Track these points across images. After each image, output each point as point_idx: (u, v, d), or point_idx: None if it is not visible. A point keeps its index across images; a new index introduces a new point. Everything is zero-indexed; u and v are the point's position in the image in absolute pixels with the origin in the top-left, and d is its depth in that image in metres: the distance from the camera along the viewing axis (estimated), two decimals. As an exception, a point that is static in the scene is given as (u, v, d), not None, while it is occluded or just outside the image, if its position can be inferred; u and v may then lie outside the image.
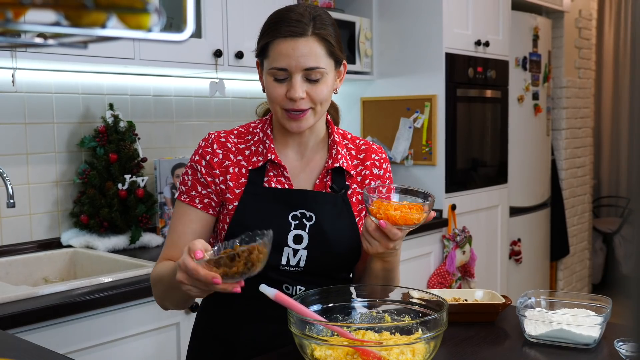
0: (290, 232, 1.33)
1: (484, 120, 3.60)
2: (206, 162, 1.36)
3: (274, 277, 1.34)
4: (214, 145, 1.38)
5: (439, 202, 3.29)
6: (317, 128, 1.41)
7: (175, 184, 2.66)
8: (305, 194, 1.36)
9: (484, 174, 3.65)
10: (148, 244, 2.47)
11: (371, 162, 1.45)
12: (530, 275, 4.22)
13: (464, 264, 3.30)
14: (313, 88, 1.31)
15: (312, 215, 1.35)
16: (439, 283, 3.18)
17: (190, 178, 1.38)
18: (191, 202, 1.36)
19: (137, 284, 1.91)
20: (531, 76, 4.12)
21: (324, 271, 1.38)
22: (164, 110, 2.77)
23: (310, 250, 1.34)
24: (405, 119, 3.35)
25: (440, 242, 3.27)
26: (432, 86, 3.27)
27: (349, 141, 1.47)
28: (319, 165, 1.42)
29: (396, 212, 1.20)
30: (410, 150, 3.33)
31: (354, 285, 1.27)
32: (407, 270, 2.98)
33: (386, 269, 1.36)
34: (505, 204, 3.81)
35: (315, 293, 1.21)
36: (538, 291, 1.46)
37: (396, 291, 1.26)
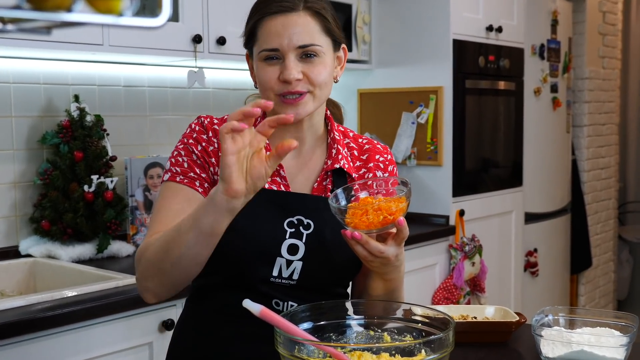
0: (284, 241, 1.33)
1: (497, 115, 3.61)
2: (202, 147, 1.36)
3: (263, 290, 1.34)
4: (208, 131, 1.37)
5: (445, 207, 3.30)
6: (315, 122, 1.41)
7: (149, 185, 2.66)
8: (304, 199, 1.36)
9: (496, 175, 3.66)
10: (117, 253, 2.46)
11: (375, 163, 1.46)
12: (547, 290, 4.23)
13: (473, 277, 3.31)
14: (310, 68, 1.31)
15: (310, 222, 1.35)
16: (445, 298, 3.19)
17: (186, 159, 1.35)
18: (190, 183, 1.33)
19: (105, 299, 1.91)
20: (549, 66, 4.14)
21: (319, 285, 1.38)
22: (136, 102, 2.77)
23: (307, 262, 1.34)
24: (407, 114, 3.35)
25: (447, 253, 3.28)
26: (438, 77, 3.28)
27: (350, 140, 1.48)
28: (317, 165, 1.42)
29: (375, 215, 1.20)
30: (413, 149, 3.34)
31: (350, 301, 1.27)
32: (410, 284, 2.98)
33: (389, 290, 1.35)
34: (520, 209, 3.82)
35: (305, 309, 1.21)
36: (556, 308, 1.47)
37: (397, 307, 1.26)
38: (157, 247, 1.24)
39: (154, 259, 1.24)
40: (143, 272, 1.27)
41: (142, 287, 1.29)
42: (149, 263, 1.26)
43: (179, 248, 1.20)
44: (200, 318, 1.39)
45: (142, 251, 1.29)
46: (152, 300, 1.30)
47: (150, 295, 1.29)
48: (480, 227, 3.47)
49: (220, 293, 1.36)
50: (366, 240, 1.21)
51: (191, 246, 1.20)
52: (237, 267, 1.32)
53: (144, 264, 1.27)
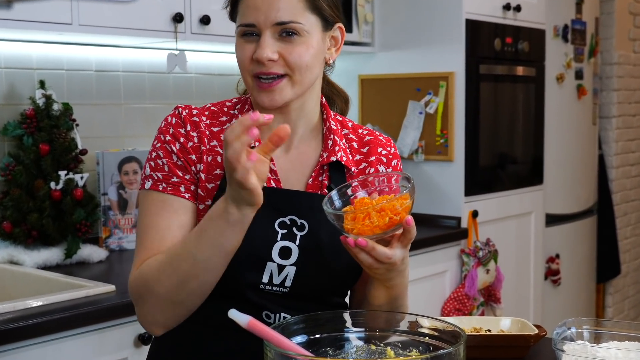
0: (275, 244, 1.34)
1: (514, 104, 3.61)
2: (180, 144, 1.36)
3: (252, 299, 1.34)
4: (187, 124, 1.37)
5: (456, 207, 3.30)
6: (308, 110, 1.41)
7: (124, 182, 2.66)
8: (297, 196, 1.37)
9: (513, 172, 3.65)
10: (88, 258, 2.46)
11: (377, 157, 1.46)
12: (570, 300, 4.24)
13: (487, 286, 3.31)
14: (288, 48, 1.31)
15: (304, 223, 1.35)
16: (456, 310, 3.19)
17: (165, 162, 1.36)
18: (175, 191, 1.34)
19: (74, 309, 1.90)
20: (574, 49, 4.15)
21: (315, 294, 1.38)
22: (109, 89, 2.76)
23: (300, 268, 1.34)
24: (414, 103, 3.35)
25: (458, 258, 3.28)
26: (449, 61, 3.28)
27: (349, 130, 1.48)
28: (311, 159, 1.42)
29: (379, 217, 1.20)
30: (421, 142, 3.34)
31: (348, 311, 1.27)
32: (416, 293, 2.99)
33: (391, 298, 1.35)
34: (541, 210, 3.82)
35: (299, 320, 1.21)
36: (580, 320, 1.47)
37: (402, 319, 1.26)
38: (166, 280, 1.27)
39: (165, 294, 1.27)
40: (151, 308, 1.30)
41: (149, 321, 1.32)
42: (159, 299, 1.28)
43: (197, 277, 1.25)
44: (181, 331, 1.38)
45: (140, 285, 1.31)
46: (161, 332, 1.33)
47: (160, 329, 1.32)
48: (496, 230, 3.47)
49: (203, 303, 1.36)
50: (372, 246, 1.21)
51: (214, 270, 1.26)
52: (222, 275, 1.32)
53: (151, 300, 1.29)
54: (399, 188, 1.29)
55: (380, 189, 1.30)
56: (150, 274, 1.29)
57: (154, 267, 1.29)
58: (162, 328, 1.33)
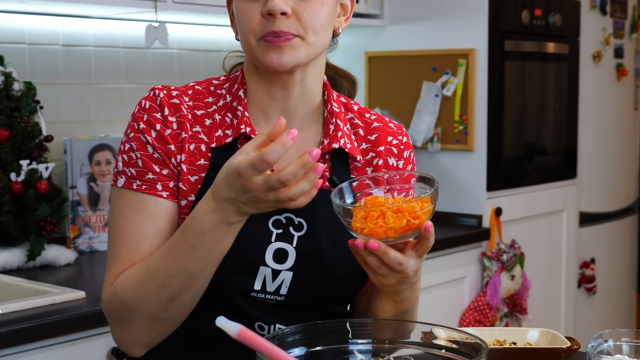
0: (269, 246, 1.33)
1: (544, 86, 3.61)
2: (157, 133, 1.35)
3: (242, 308, 1.34)
4: (164, 108, 1.37)
5: (477, 204, 3.30)
6: (309, 88, 1.41)
7: (95, 174, 2.66)
8: None
9: (542, 164, 3.66)
10: (54, 261, 2.46)
11: (386, 147, 1.45)
12: (607, 310, 4.24)
13: (512, 294, 3.31)
14: (302, 4, 1.31)
15: (302, 222, 1.35)
16: (476, 321, 3.19)
17: (139, 154, 1.35)
18: (151, 189, 1.34)
19: (38, 319, 1.90)
20: (613, 23, 4.14)
21: (314, 303, 1.38)
22: (78, 67, 2.76)
23: (298, 273, 1.34)
24: (429, 84, 3.35)
25: (479, 263, 3.29)
26: (470, 36, 3.28)
27: (355, 115, 1.48)
28: (311, 146, 1.42)
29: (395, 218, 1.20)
30: (437, 130, 3.34)
31: (352, 320, 1.28)
32: (430, 302, 3.00)
33: (399, 313, 1.35)
34: (574, 208, 3.83)
35: (297, 331, 1.21)
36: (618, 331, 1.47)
37: (414, 329, 1.27)
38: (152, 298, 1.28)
39: (152, 313, 1.29)
40: (135, 329, 1.31)
41: (131, 343, 1.33)
42: (143, 319, 1.30)
43: (191, 289, 1.28)
44: (162, 344, 1.38)
45: (117, 306, 1.31)
46: (143, 352, 1.34)
47: (143, 349, 1.34)
48: (522, 230, 3.48)
49: (190, 314, 1.37)
50: (385, 250, 1.20)
51: (209, 277, 1.28)
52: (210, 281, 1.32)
53: (134, 321, 1.30)
54: (417, 190, 1.29)
55: (391, 187, 1.31)
56: (129, 294, 1.29)
57: (132, 286, 1.29)
58: (145, 348, 1.34)
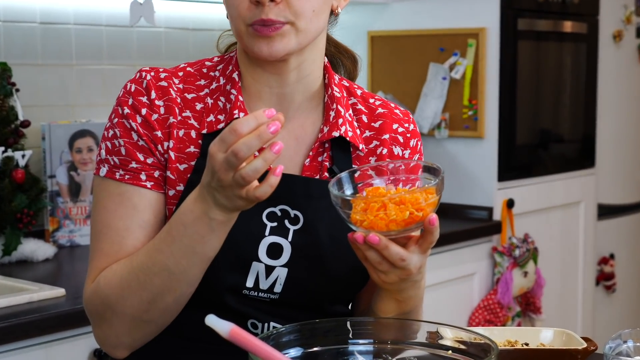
0: (263, 240, 1.34)
1: (561, 68, 3.60)
2: (142, 118, 1.36)
3: (234, 307, 1.34)
4: (150, 92, 1.37)
5: (487, 195, 3.30)
6: (308, 72, 1.41)
7: (76, 162, 2.66)
8: (290, 181, 1.36)
9: (558, 153, 3.65)
10: (31, 256, 2.46)
11: (391, 135, 1.45)
12: (627, 308, 4.24)
13: (525, 292, 3.31)
14: None
15: (298, 215, 1.35)
16: (486, 321, 3.19)
17: (123, 142, 1.35)
18: (134, 179, 1.34)
19: (14, 318, 1.90)
20: (635, 1, 4.13)
21: (311, 301, 1.38)
22: (57, 47, 2.76)
23: (293, 269, 1.34)
24: (436, 66, 3.35)
25: (490, 258, 3.29)
26: (480, 14, 3.27)
27: (358, 100, 1.48)
28: (310, 135, 1.42)
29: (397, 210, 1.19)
30: (444, 115, 3.34)
31: (352, 319, 1.27)
32: (437, 301, 3.00)
33: (402, 313, 1.35)
34: (592, 200, 3.82)
35: (293, 330, 1.21)
36: (639, 331, 1.47)
37: (419, 329, 1.27)
38: (134, 298, 1.28)
39: (133, 313, 1.29)
40: (116, 329, 1.32)
41: (112, 344, 1.34)
42: (124, 319, 1.30)
43: (174, 292, 1.28)
44: (149, 345, 1.38)
45: (99, 303, 1.32)
46: (126, 354, 1.35)
47: (125, 351, 1.34)
48: (536, 223, 3.47)
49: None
50: (385, 244, 1.20)
51: (193, 280, 1.28)
52: None
53: (115, 321, 1.31)
54: (422, 181, 1.29)
55: (396, 178, 1.30)
56: (111, 291, 1.30)
57: (115, 283, 1.30)
58: (127, 350, 1.34)
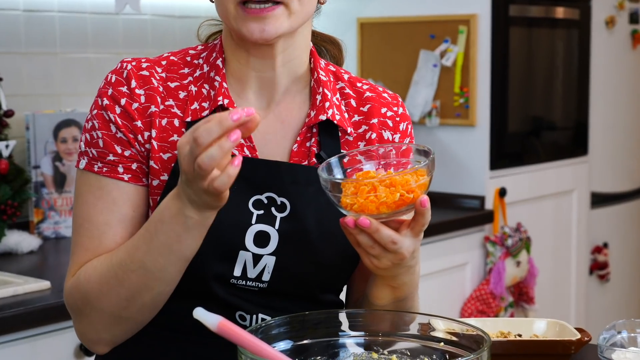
0: (249, 228, 1.34)
1: (553, 55, 3.60)
2: (122, 109, 1.35)
3: (222, 297, 1.34)
4: (130, 81, 1.37)
5: (479, 184, 3.30)
6: (295, 56, 1.41)
7: (61, 152, 2.65)
8: (277, 168, 1.36)
9: (551, 140, 3.65)
10: (16, 248, 2.45)
11: (380, 119, 1.45)
12: (621, 298, 4.25)
13: (518, 282, 3.32)
14: None
15: (285, 202, 1.35)
16: (478, 312, 3.20)
17: (101, 134, 1.36)
18: (112, 172, 1.35)
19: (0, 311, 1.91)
20: (628, -14, 4.14)
21: (301, 290, 1.38)
22: (41, 35, 2.74)
23: (281, 258, 1.34)
24: (427, 53, 3.34)
25: (482, 248, 3.29)
26: (471, 0, 3.26)
27: (345, 84, 1.47)
28: (297, 120, 1.42)
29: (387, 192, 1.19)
30: (435, 103, 3.33)
31: (343, 311, 1.27)
32: (429, 292, 2.99)
33: (397, 300, 1.35)
34: (585, 188, 3.83)
35: (282, 322, 1.21)
36: (633, 322, 1.47)
37: (410, 320, 1.27)
38: (112, 294, 1.29)
39: (111, 310, 1.30)
40: (94, 325, 1.32)
41: (91, 339, 1.35)
42: (103, 315, 1.31)
43: (151, 290, 1.28)
44: (135, 337, 1.38)
45: (78, 298, 1.33)
46: (106, 350, 1.36)
47: (105, 346, 1.35)
48: (529, 212, 3.48)
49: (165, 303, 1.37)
50: (376, 227, 1.19)
51: (171, 280, 1.28)
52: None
53: (94, 316, 1.32)
54: (413, 164, 1.28)
55: (387, 163, 1.30)
56: (90, 286, 1.31)
57: (95, 279, 1.30)
58: (107, 346, 1.35)
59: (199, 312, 1.10)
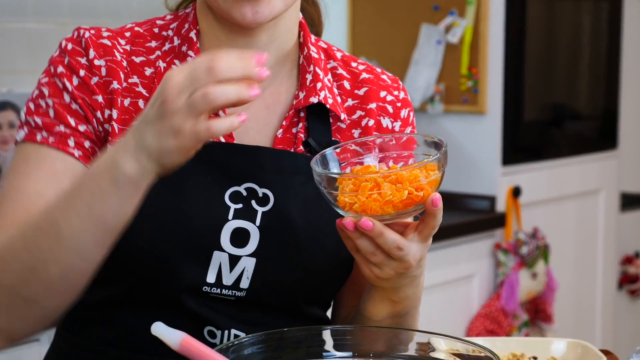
0: (226, 224, 1.34)
1: (578, 31, 3.61)
2: (80, 80, 1.35)
3: (190, 307, 1.34)
4: (89, 51, 1.36)
5: (489, 182, 3.30)
6: (283, 32, 1.42)
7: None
8: (258, 155, 1.37)
9: (574, 132, 3.66)
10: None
11: (379, 104, 1.47)
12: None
13: (534, 296, 3.33)
14: None
15: (268, 194, 1.36)
16: (488, 332, 3.21)
17: (52, 102, 1.35)
18: (60, 144, 1.33)
19: None
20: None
21: (284, 301, 1.39)
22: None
23: (262, 259, 1.34)
24: (430, 27, 3.35)
25: (492, 257, 3.30)
26: (481, -33, 3.28)
27: (338, 63, 1.49)
28: (282, 102, 1.44)
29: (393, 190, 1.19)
30: (439, 86, 3.34)
31: (327, 328, 1.27)
32: (430, 307, 3.00)
33: (396, 315, 1.36)
34: (613, 187, 3.84)
35: (256, 340, 1.21)
36: (668, 343, 1.48)
37: (407, 339, 1.27)
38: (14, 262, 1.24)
39: (11, 283, 1.24)
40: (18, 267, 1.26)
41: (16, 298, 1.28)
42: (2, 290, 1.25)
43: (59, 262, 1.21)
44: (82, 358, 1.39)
45: None
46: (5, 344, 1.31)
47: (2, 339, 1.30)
48: (548, 215, 3.49)
49: (117, 316, 1.37)
50: (380, 230, 1.20)
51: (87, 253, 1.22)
52: (147, 271, 1.32)
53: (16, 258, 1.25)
54: (419, 158, 1.29)
55: (385, 155, 1.30)
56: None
57: (4, 243, 1.26)
58: (5, 338, 1.30)
59: (159, 328, 1.10)
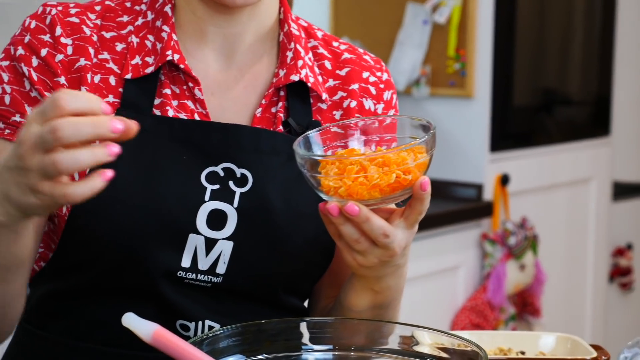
0: (202, 206, 1.34)
1: (570, 13, 3.62)
2: (41, 60, 1.35)
3: (164, 295, 1.34)
4: (55, 28, 1.36)
5: (477, 169, 3.32)
6: (264, 8, 1.43)
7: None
8: (236, 133, 1.37)
9: (565, 118, 3.68)
10: None
11: (361, 85, 1.48)
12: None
13: (522, 289, 3.34)
14: None
15: (246, 174, 1.36)
16: (473, 325, 3.22)
17: (9, 89, 1.35)
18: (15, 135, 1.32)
19: None
20: None
21: (262, 288, 1.39)
22: None
23: (240, 243, 1.35)
24: (416, 6, 3.35)
25: (478, 248, 3.31)
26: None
27: (319, 42, 1.50)
28: (262, 81, 1.44)
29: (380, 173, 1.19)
30: (425, 69, 3.34)
31: (306, 320, 1.28)
32: (413, 300, 3.01)
33: (378, 306, 1.37)
34: (606, 176, 3.85)
35: (232, 333, 1.20)
36: (659, 338, 1.49)
37: (389, 332, 1.28)
38: None
39: None
40: None
41: None
42: None
43: None
44: (47, 352, 1.39)
45: None
46: None
47: None
48: (537, 205, 3.51)
49: (85, 306, 1.37)
50: (366, 216, 1.19)
51: None
52: (116, 257, 1.32)
53: None
54: (397, 140, 1.29)
55: (368, 139, 1.31)
56: None
57: None
58: None
59: (130, 319, 1.10)
